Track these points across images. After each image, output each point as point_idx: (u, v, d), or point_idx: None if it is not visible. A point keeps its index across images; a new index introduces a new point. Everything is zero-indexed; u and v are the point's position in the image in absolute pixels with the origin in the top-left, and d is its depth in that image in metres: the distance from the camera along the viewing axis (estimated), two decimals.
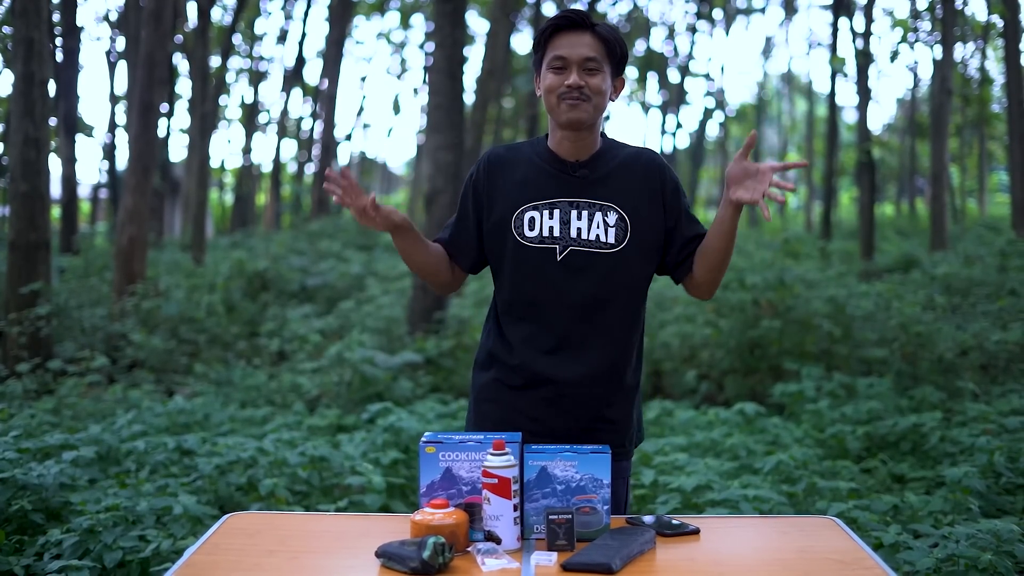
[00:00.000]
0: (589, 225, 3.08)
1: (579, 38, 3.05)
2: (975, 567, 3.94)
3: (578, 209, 3.09)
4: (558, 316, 3.09)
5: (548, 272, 3.08)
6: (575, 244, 3.07)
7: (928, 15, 25.11)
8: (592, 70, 3.05)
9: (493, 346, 3.20)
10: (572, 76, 3.03)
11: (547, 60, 3.08)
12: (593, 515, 2.78)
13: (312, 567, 2.62)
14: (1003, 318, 9.53)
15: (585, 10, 3.17)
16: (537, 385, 3.10)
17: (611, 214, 3.09)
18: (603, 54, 3.06)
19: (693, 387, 9.50)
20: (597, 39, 3.06)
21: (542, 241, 3.08)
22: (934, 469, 6.24)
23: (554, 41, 3.07)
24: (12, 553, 4.53)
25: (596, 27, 3.07)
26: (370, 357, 8.53)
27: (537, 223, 3.09)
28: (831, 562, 2.61)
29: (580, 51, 3.04)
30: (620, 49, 3.11)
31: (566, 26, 3.06)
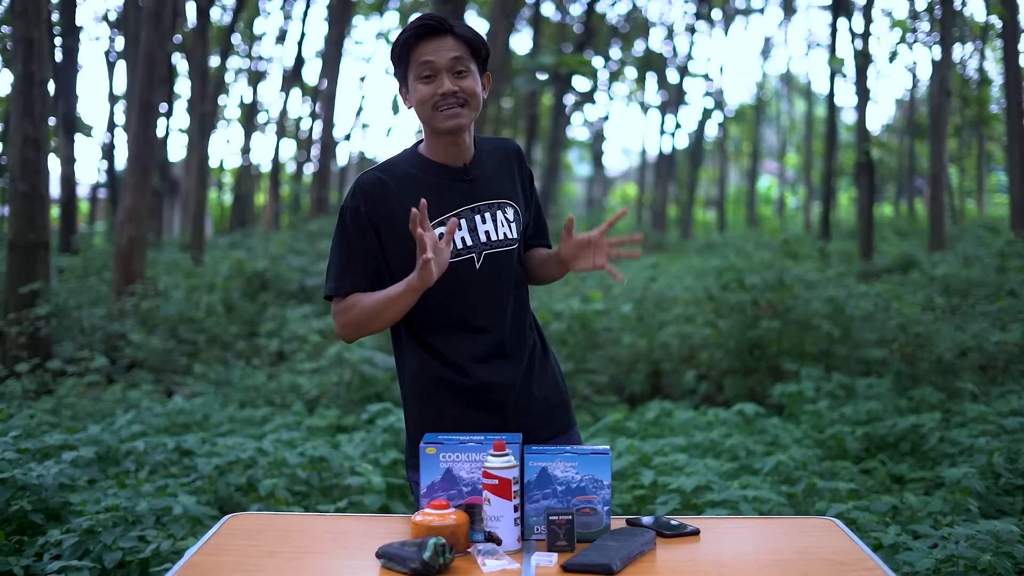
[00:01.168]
0: (495, 225, 3.10)
1: (442, 42, 3.00)
2: (974, 568, 3.96)
3: (480, 213, 3.09)
4: (493, 323, 3.09)
5: (471, 283, 3.06)
6: (488, 248, 3.08)
7: (927, 16, 25.12)
8: (461, 72, 3.02)
9: (430, 371, 3.09)
10: (444, 83, 2.99)
11: (413, 70, 3.02)
12: (593, 516, 2.79)
13: (313, 567, 2.63)
14: (1002, 319, 9.54)
15: (439, 17, 3.06)
16: (493, 393, 3.08)
17: (508, 209, 3.14)
18: (468, 54, 3.03)
19: (692, 387, 9.51)
20: (459, 40, 3.02)
21: (458, 254, 3.04)
22: (933, 470, 6.26)
23: (417, 50, 3.01)
24: (12, 553, 4.55)
25: (455, 29, 3.03)
26: (369, 357, 8.54)
27: None
28: (831, 563, 2.62)
29: (446, 55, 2.99)
30: (484, 48, 3.08)
31: (426, 33, 3.01)
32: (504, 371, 3.08)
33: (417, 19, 3.04)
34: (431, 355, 3.09)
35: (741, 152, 50.93)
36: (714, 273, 11.43)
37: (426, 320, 3.08)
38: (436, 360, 3.08)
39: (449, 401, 3.08)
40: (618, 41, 34.90)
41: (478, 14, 28.43)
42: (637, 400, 9.42)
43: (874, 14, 25.95)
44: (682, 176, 39.31)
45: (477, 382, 3.06)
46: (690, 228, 35.21)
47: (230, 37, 27.97)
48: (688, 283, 12.76)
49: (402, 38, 3.03)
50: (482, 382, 3.06)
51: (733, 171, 53.68)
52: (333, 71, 22.96)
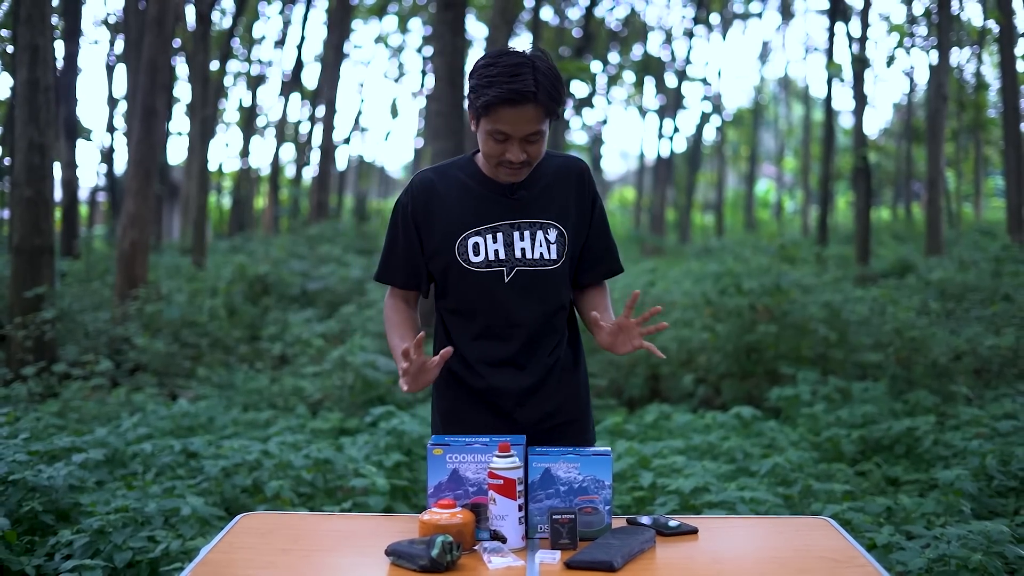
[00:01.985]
0: (532, 244, 3.12)
1: (522, 112, 2.92)
2: (965, 567, 4.01)
3: (520, 230, 3.13)
4: (513, 332, 3.15)
5: (498, 294, 3.12)
6: (521, 264, 3.12)
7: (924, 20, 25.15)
8: (533, 140, 2.99)
9: (450, 365, 3.22)
10: (514, 151, 2.98)
11: (487, 126, 2.97)
12: (595, 515, 2.85)
13: (324, 565, 2.69)
14: (996, 323, 9.59)
15: (527, 75, 2.90)
16: (500, 398, 3.17)
17: (551, 231, 3.14)
18: (543, 118, 2.97)
19: (690, 391, 9.56)
20: (540, 108, 2.93)
21: (488, 265, 3.11)
22: (927, 472, 6.29)
23: (496, 112, 2.92)
24: (23, 553, 4.60)
25: (539, 97, 2.92)
26: (372, 361, 8.58)
27: (482, 248, 3.11)
28: (825, 560, 2.68)
29: (523, 128, 2.95)
30: (560, 104, 3.00)
31: (512, 100, 2.90)
32: (515, 380, 3.15)
33: (504, 80, 2.90)
34: (456, 354, 3.20)
35: (739, 156, 50.87)
36: (712, 277, 11.49)
37: (454, 321, 3.22)
38: (456, 357, 3.20)
39: (462, 397, 3.22)
40: (616, 45, 34.89)
41: (477, 18, 28.49)
42: (636, 403, 9.48)
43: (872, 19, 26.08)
44: (680, 180, 39.24)
45: (487, 385, 3.16)
46: (688, 232, 35.19)
47: (230, 41, 27.99)
48: (686, 287, 12.80)
49: (485, 95, 2.92)
50: (491, 386, 3.16)
51: (731, 175, 53.65)
52: (333, 75, 23.00)
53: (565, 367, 3.26)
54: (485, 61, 2.97)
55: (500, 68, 2.91)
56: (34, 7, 9.29)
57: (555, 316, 3.20)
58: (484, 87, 2.92)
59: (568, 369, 3.27)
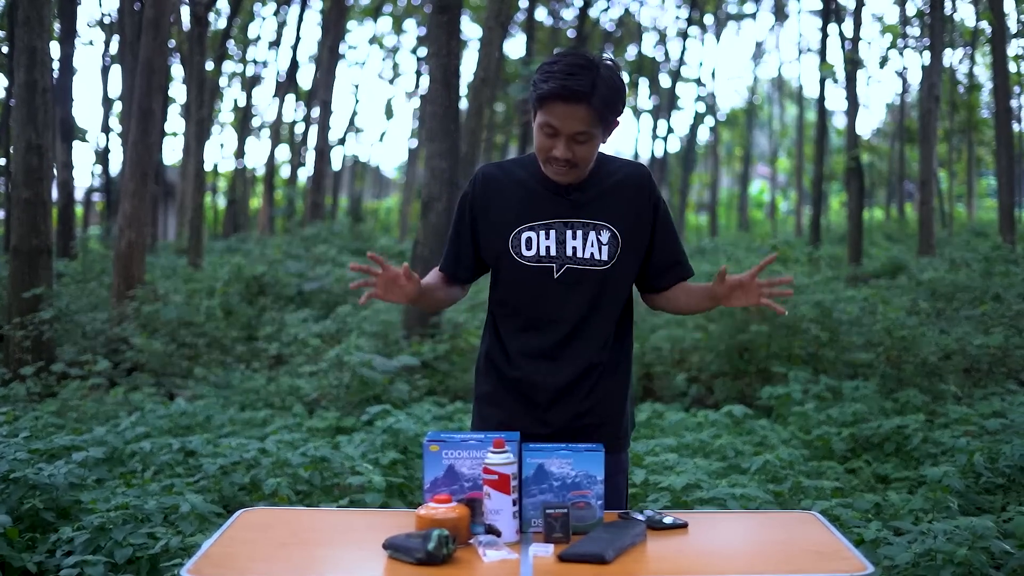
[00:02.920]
0: (584, 243, 3.18)
1: (573, 110, 2.98)
2: (951, 561, 4.06)
3: (572, 229, 3.18)
4: (554, 327, 3.21)
5: (545, 289, 3.19)
6: (571, 262, 3.18)
7: (917, 21, 25.24)
8: (582, 140, 3.04)
9: (492, 353, 3.32)
10: (561, 148, 3.04)
11: (539, 120, 3.05)
12: (587, 510, 2.90)
13: (324, 558, 2.74)
14: (986, 323, 9.65)
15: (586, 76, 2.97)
16: (534, 391, 3.23)
17: (604, 232, 3.19)
18: (595, 122, 3.02)
19: (683, 390, 9.61)
20: (592, 111, 2.99)
21: (539, 260, 3.18)
22: (917, 470, 6.34)
23: (547, 107, 3.01)
24: (25, 550, 4.66)
25: (592, 100, 2.98)
26: (368, 360, 8.62)
27: (534, 243, 3.18)
28: (811, 553, 2.74)
29: (572, 125, 3.01)
30: (615, 113, 3.07)
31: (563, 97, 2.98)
32: (549, 374, 3.21)
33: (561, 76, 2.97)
34: (496, 340, 3.31)
35: (733, 156, 50.93)
36: (705, 278, 11.54)
37: (502, 313, 3.30)
38: (498, 346, 3.30)
39: (497, 385, 3.29)
40: (611, 46, 34.92)
41: (472, 20, 28.53)
42: None
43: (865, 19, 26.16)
44: (674, 180, 39.32)
45: (520, 375, 3.23)
46: (682, 232, 35.25)
47: (225, 42, 28.02)
48: None
49: (540, 88, 3.01)
50: (526, 378, 3.23)
51: (725, 175, 53.66)
52: (328, 76, 23.04)
53: (605, 370, 3.28)
54: (551, 59, 3.06)
55: (562, 65, 2.99)
56: (32, 9, 9.34)
57: (600, 317, 3.24)
58: (543, 80, 3.00)
59: (608, 372, 3.29)
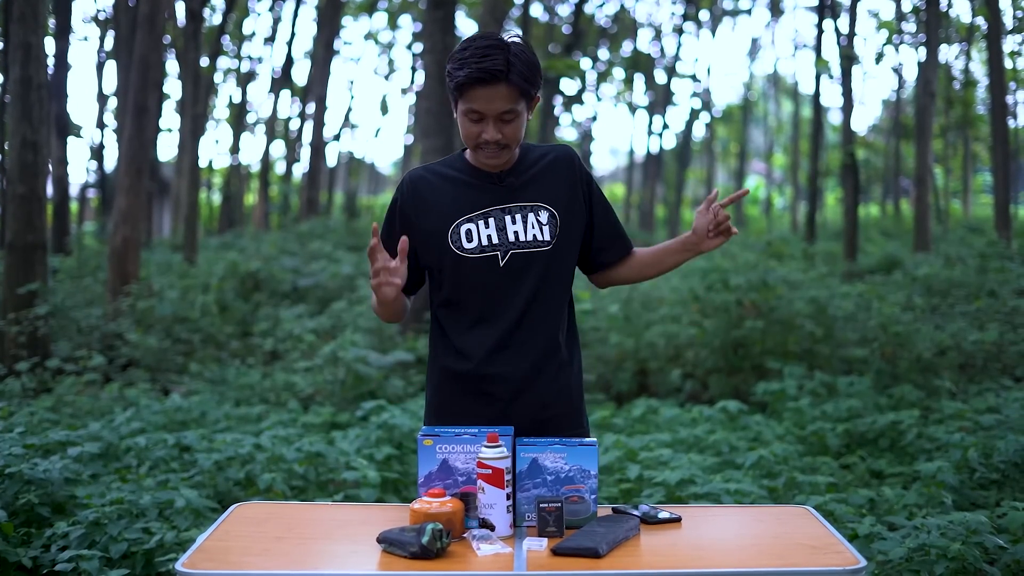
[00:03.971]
0: (525, 226, 3.18)
1: (494, 91, 2.99)
2: (945, 556, 4.07)
3: (511, 214, 3.18)
4: (504, 315, 3.18)
5: (492, 279, 3.17)
6: (515, 247, 3.17)
7: (913, 17, 25.26)
8: (508, 119, 3.06)
9: (443, 358, 3.27)
10: (489, 131, 3.05)
11: (463, 107, 3.06)
12: (581, 504, 2.92)
13: (318, 552, 2.75)
14: (980, 318, 9.68)
15: (499, 55, 2.99)
16: (494, 385, 3.19)
17: (542, 212, 3.20)
18: (519, 97, 3.05)
19: (678, 386, 9.63)
20: (513, 88, 3.01)
21: (483, 251, 3.16)
22: (911, 465, 6.35)
23: (468, 93, 3.01)
24: (20, 545, 4.65)
25: (511, 77, 3.00)
26: (363, 356, 8.64)
27: (475, 234, 3.16)
28: (804, 547, 2.75)
29: (496, 106, 3.02)
30: (534, 87, 3.08)
31: (481, 80, 2.99)
32: (505, 364, 3.17)
33: (475, 60, 2.99)
34: (446, 343, 3.25)
35: (728, 152, 50.95)
36: (699, 274, 11.56)
37: (448, 314, 3.26)
38: (449, 349, 3.24)
39: (452, 391, 3.24)
40: (606, 42, 34.92)
41: (467, 16, 28.53)
42: (624, 398, 9.54)
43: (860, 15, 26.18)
44: (670, 176, 39.31)
45: (475, 370, 3.18)
46: (678, 228, 35.18)
47: (220, 38, 27.99)
48: (674, 284, 12.87)
49: (456, 76, 3.01)
50: (481, 372, 3.18)
51: (720, 171, 53.72)
52: (323, 72, 23.03)
53: (561, 361, 3.27)
54: (460, 45, 3.07)
55: (472, 50, 3.00)
56: (27, 5, 9.33)
57: (548, 299, 3.23)
58: (457, 68, 3.01)
59: (564, 363, 3.29)
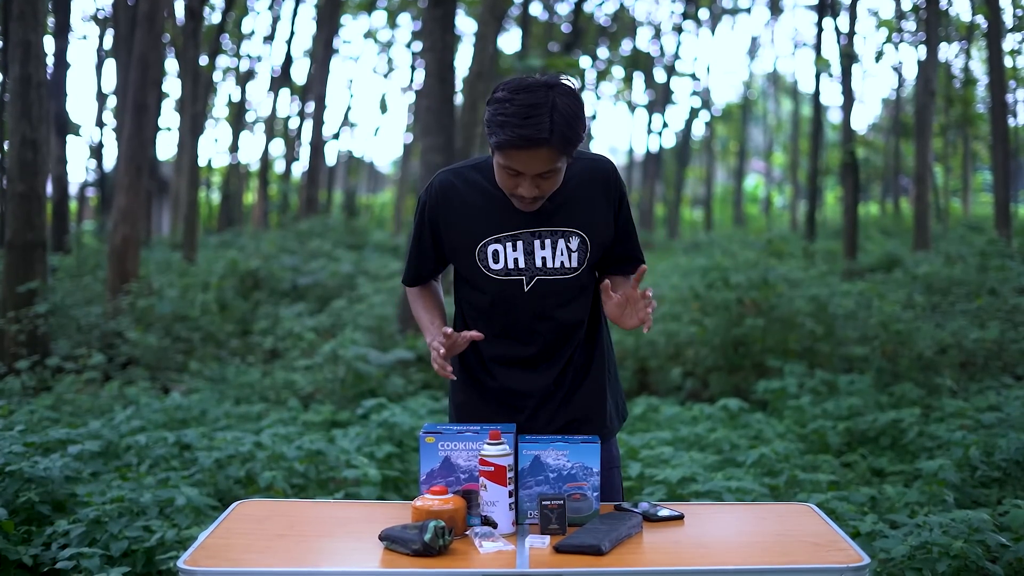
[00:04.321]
0: (553, 253, 3.08)
1: (534, 154, 2.82)
2: (947, 554, 4.07)
3: (541, 239, 3.07)
4: (529, 337, 3.15)
5: (516, 300, 3.11)
6: (541, 273, 3.08)
7: (913, 15, 25.24)
8: (548, 177, 2.91)
9: (467, 360, 3.25)
10: (526, 187, 2.90)
11: (500, 160, 2.88)
12: (583, 501, 2.91)
13: (320, 549, 2.74)
14: (981, 317, 9.67)
15: (542, 118, 2.77)
16: (516, 399, 3.20)
17: (573, 239, 3.08)
18: (558, 157, 2.86)
19: (678, 384, 9.62)
20: (554, 150, 2.82)
21: (508, 273, 3.08)
22: (912, 463, 6.34)
23: (507, 153, 2.83)
24: (20, 543, 4.65)
25: (552, 141, 2.80)
26: (363, 354, 8.64)
27: (501, 256, 3.07)
28: (807, 544, 2.75)
29: (535, 167, 2.85)
30: (575, 143, 2.87)
31: (522, 147, 2.81)
32: (527, 381, 3.16)
33: (517, 123, 2.77)
34: (472, 350, 3.22)
35: (728, 151, 50.93)
36: (700, 272, 11.56)
37: (473, 312, 3.22)
38: (474, 356, 3.23)
39: (476, 396, 3.25)
40: (605, 40, 34.90)
41: (467, 14, 28.52)
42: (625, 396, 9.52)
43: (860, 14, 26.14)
44: (669, 175, 39.31)
45: (500, 385, 3.20)
46: (677, 227, 35.28)
47: (219, 37, 27.97)
48: (674, 282, 12.87)
49: (497, 135, 2.81)
50: (504, 387, 3.19)
51: (720, 170, 53.73)
52: (322, 71, 23.02)
53: (582, 369, 3.24)
54: (502, 95, 2.83)
55: (515, 107, 2.79)
56: (26, 3, 9.32)
57: (574, 320, 3.19)
58: (497, 126, 2.81)
59: (585, 371, 3.24)
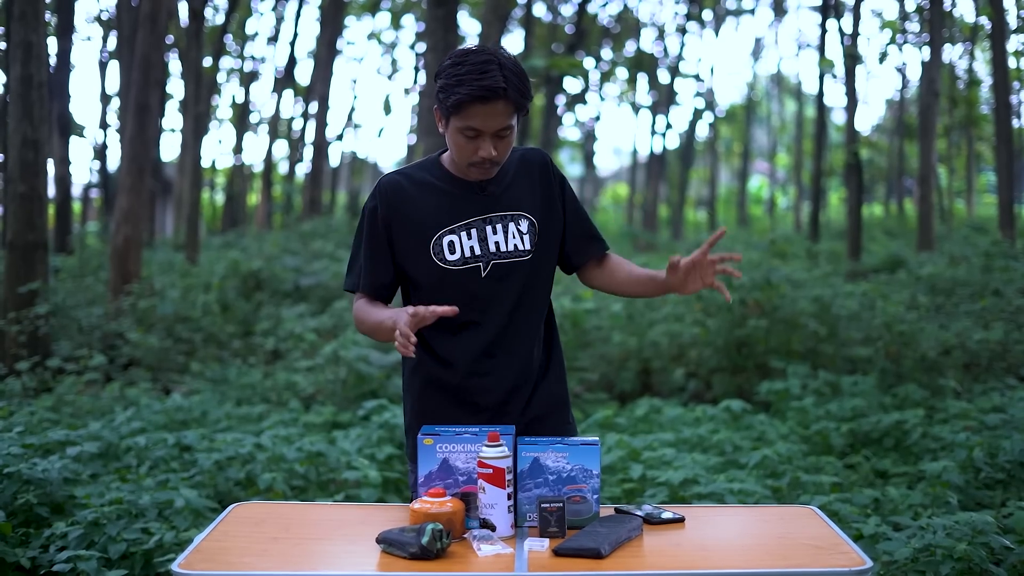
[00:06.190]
0: (505, 236, 3.15)
1: (493, 108, 2.93)
2: (951, 556, 4.05)
3: (492, 224, 3.15)
4: (489, 323, 3.14)
5: (474, 288, 3.13)
6: (497, 258, 3.14)
7: (917, 16, 25.25)
8: (503, 135, 3.01)
9: (426, 365, 3.22)
10: (486, 147, 3.00)
11: (457, 124, 2.97)
12: (583, 504, 2.89)
13: (316, 552, 2.73)
14: (985, 317, 9.65)
15: (495, 71, 2.92)
16: (479, 395, 3.17)
17: (522, 221, 3.17)
18: (513, 113, 2.99)
19: (681, 385, 9.60)
20: (510, 103, 2.96)
21: (465, 263, 3.12)
22: (916, 465, 6.32)
23: (466, 110, 2.94)
24: (18, 545, 4.64)
25: (509, 92, 2.94)
26: (364, 355, 8.62)
27: (457, 246, 3.12)
28: (808, 547, 2.73)
29: (495, 123, 2.96)
30: (526, 99, 3.01)
31: (482, 98, 2.92)
32: (491, 373, 3.13)
33: (474, 77, 2.91)
34: (426, 352, 3.19)
35: (732, 152, 50.94)
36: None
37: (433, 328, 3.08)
38: (429, 357, 3.19)
39: (436, 400, 3.20)
40: (609, 42, 34.92)
41: (470, 15, 28.52)
42: (627, 398, 9.51)
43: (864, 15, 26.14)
44: (673, 176, 39.32)
45: (461, 381, 3.16)
46: (681, 228, 35.29)
47: (223, 37, 28.00)
48: None
49: (456, 93, 2.93)
50: (466, 382, 3.16)
51: (724, 171, 53.75)
52: (326, 72, 23.02)
53: (545, 363, 3.27)
54: (452, 60, 2.99)
55: (468, 66, 2.93)
56: (28, 4, 9.32)
57: (529, 305, 3.21)
58: (454, 86, 2.93)
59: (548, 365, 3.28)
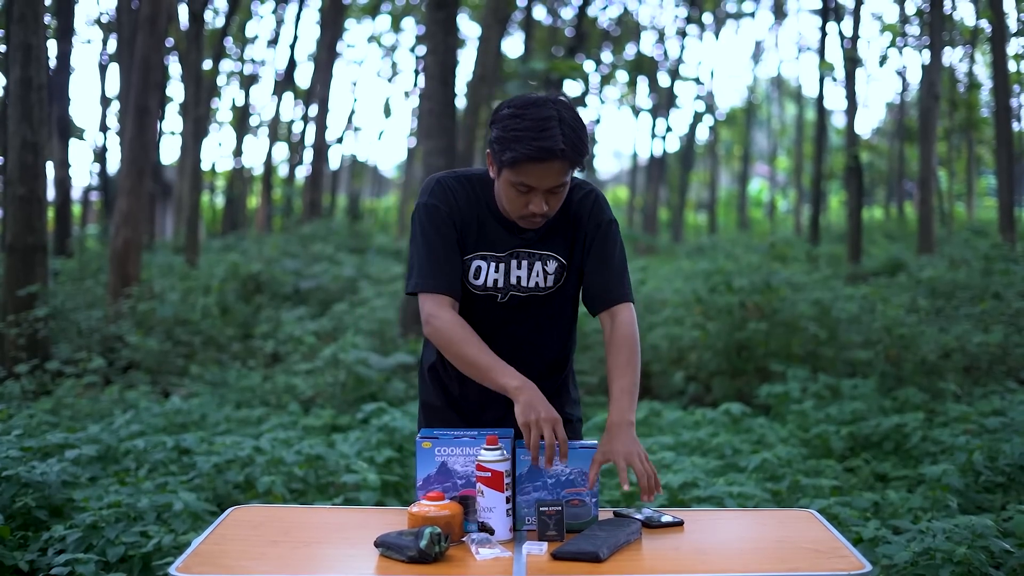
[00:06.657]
0: (529, 274, 3.14)
1: (548, 167, 2.88)
2: (950, 560, 4.04)
3: (519, 259, 3.13)
4: (503, 346, 3.12)
5: (490, 311, 3.15)
6: (515, 290, 3.16)
7: (917, 20, 25.21)
8: (557, 192, 2.97)
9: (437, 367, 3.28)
10: (537, 203, 2.95)
11: (511, 177, 2.92)
12: (582, 507, 2.90)
13: (314, 556, 2.73)
14: (985, 321, 9.64)
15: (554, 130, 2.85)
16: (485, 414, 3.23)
17: (551, 262, 3.16)
18: (569, 171, 2.95)
19: (681, 388, 9.59)
20: (567, 163, 2.90)
21: (485, 290, 3.14)
22: (916, 468, 6.32)
23: (522, 167, 2.88)
24: (17, 548, 4.63)
25: (565, 152, 2.87)
26: (364, 358, 8.62)
27: (483, 273, 3.12)
28: (807, 551, 2.73)
29: (549, 181, 2.91)
30: (583, 156, 2.94)
31: (539, 160, 2.87)
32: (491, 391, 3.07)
33: (532, 136, 2.84)
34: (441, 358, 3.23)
35: (732, 155, 50.89)
36: (703, 276, 11.53)
37: None
38: (441, 359, 3.23)
39: (444, 402, 3.27)
40: (609, 45, 34.89)
41: (470, 18, 28.53)
42: None
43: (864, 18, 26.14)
44: (673, 179, 39.29)
45: (466, 395, 3.22)
46: (681, 231, 35.27)
47: (223, 40, 27.99)
48: (677, 286, 12.84)
49: (513, 151, 2.87)
50: (471, 397, 3.21)
51: (724, 174, 53.69)
52: (326, 75, 23.02)
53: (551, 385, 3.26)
54: (510, 112, 2.91)
55: (528, 122, 2.86)
56: (27, 6, 9.30)
57: (544, 332, 3.23)
58: (510, 141, 2.87)
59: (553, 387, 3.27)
